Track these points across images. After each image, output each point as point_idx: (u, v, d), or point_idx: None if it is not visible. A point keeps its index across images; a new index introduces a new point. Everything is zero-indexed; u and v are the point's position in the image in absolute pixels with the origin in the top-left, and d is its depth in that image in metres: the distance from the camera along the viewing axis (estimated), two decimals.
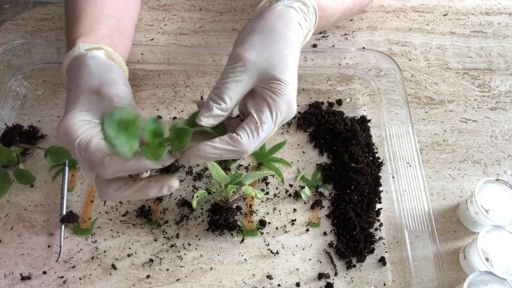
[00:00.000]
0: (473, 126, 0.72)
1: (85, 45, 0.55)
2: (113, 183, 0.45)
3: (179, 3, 0.85)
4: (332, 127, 0.67)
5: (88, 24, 0.60)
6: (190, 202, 0.62)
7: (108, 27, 0.61)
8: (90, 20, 0.60)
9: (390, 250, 0.60)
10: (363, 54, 0.73)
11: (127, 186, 0.45)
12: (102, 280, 0.57)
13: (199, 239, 0.60)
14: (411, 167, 0.64)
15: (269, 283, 0.57)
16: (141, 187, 0.45)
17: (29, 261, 0.58)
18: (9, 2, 0.88)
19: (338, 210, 0.62)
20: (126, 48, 0.65)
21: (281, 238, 0.61)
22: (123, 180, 0.46)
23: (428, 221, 0.60)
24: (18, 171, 0.60)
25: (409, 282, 0.57)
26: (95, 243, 0.59)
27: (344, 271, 0.58)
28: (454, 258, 0.60)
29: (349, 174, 0.63)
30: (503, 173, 0.68)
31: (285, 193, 0.64)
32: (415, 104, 0.74)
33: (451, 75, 0.78)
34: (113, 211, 0.62)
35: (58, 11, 0.83)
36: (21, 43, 0.71)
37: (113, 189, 0.45)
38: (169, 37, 0.80)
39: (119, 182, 0.45)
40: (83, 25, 0.59)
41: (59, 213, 0.61)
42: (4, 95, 0.70)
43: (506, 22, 0.86)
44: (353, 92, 0.74)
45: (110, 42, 0.59)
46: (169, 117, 0.70)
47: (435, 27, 0.84)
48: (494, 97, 0.76)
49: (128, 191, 0.45)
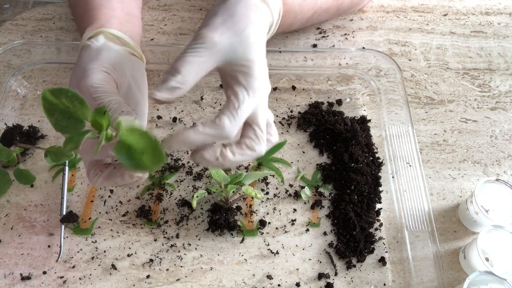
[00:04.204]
0: (473, 126, 0.72)
1: (87, 35, 0.57)
2: (92, 169, 0.47)
3: (179, 3, 0.85)
4: (332, 127, 0.67)
5: (93, 15, 0.61)
6: (190, 202, 0.62)
7: (112, 9, 0.62)
8: (93, 9, 0.62)
9: (390, 250, 0.60)
10: (363, 54, 0.73)
11: (100, 173, 0.47)
12: (102, 280, 0.57)
13: (199, 239, 0.60)
14: (411, 167, 0.64)
15: (269, 283, 0.57)
16: (107, 174, 0.47)
17: (29, 261, 0.58)
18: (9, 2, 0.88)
19: (338, 210, 0.62)
20: (135, 25, 0.66)
21: (281, 238, 0.61)
22: (99, 167, 0.47)
23: (428, 221, 0.60)
24: (18, 171, 0.60)
25: (409, 282, 0.57)
26: (95, 243, 0.59)
27: (344, 271, 0.58)
28: (454, 258, 0.60)
29: (349, 174, 0.63)
30: (503, 173, 0.68)
31: (285, 193, 0.64)
32: (415, 104, 0.74)
33: (451, 75, 0.78)
34: (113, 211, 0.62)
35: (58, 11, 0.83)
36: (21, 43, 0.71)
37: (92, 175, 0.47)
38: (169, 37, 0.80)
39: (96, 169, 0.47)
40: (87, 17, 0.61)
41: (59, 213, 0.61)
42: (4, 95, 0.70)
43: (506, 22, 0.86)
44: (353, 92, 0.74)
45: (118, 22, 0.60)
46: (169, 117, 0.70)
47: (435, 27, 0.84)
48: (494, 97, 0.76)
49: (101, 177, 0.47)
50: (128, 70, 0.55)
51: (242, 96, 0.45)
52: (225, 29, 0.47)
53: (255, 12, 0.50)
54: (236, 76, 0.46)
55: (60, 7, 0.83)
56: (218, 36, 0.46)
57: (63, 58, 0.72)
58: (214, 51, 0.45)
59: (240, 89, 0.46)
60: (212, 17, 0.49)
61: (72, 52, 0.72)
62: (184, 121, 0.69)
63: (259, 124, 0.47)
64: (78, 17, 0.68)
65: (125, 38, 0.58)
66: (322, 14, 0.73)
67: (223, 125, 0.44)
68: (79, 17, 0.67)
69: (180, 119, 0.70)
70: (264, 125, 0.48)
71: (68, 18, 0.81)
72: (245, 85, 0.46)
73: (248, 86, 0.46)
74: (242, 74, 0.46)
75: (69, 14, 0.82)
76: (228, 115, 0.44)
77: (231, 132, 0.45)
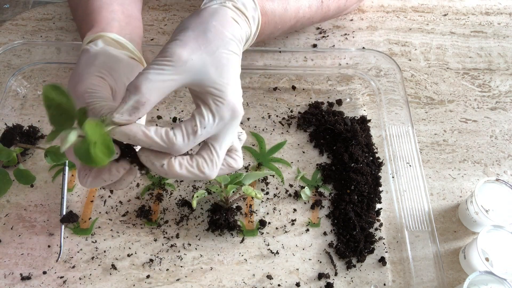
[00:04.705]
0: (473, 126, 0.72)
1: (87, 39, 0.57)
2: (82, 171, 0.45)
3: (179, 3, 0.85)
4: (332, 127, 0.67)
5: (93, 18, 0.61)
6: (190, 202, 0.62)
7: (112, 12, 0.62)
8: (93, 12, 0.62)
9: (390, 250, 0.60)
10: (363, 54, 0.73)
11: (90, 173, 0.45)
12: (102, 280, 0.57)
13: (199, 239, 0.60)
14: (411, 167, 0.64)
15: (269, 283, 0.57)
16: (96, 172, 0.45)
17: (29, 261, 0.58)
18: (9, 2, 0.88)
19: (338, 210, 0.62)
20: (136, 27, 0.66)
21: (281, 238, 0.61)
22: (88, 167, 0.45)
23: (428, 221, 0.60)
24: (18, 171, 0.60)
25: (409, 282, 0.57)
26: (95, 243, 0.59)
27: (344, 271, 0.58)
28: (454, 258, 0.60)
29: (349, 174, 0.63)
30: (503, 173, 0.68)
31: (285, 193, 0.64)
32: (415, 104, 0.74)
33: (451, 75, 0.78)
34: (113, 211, 0.62)
35: (58, 11, 0.83)
36: (21, 43, 0.71)
37: (82, 176, 0.45)
38: (169, 37, 0.79)
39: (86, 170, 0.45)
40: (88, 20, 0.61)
41: (59, 213, 0.61)
42: (4, 95, 0.70)
43: (506, 22, 0.86)
44: (353, 92, 0.74)
45: (118, 25, 0.60)
46: (169, 117, 0.70)
47: (435, 27, 0.84)
48: (494, 97, 0.76)
49: (90, 177, 0.45)
50: (125, 75, 0.54)
51: (206, 121, 0.42)
52: (196, 47, 0.43)
53: (231, 27, 0.47)
54: (206, 98, 0.43)
55: (60, 7, 0.83)
56: (187, 53, 0.42)
57: (63, 58, 0.72)
58: (181, 70, 0.42)
59: (207, 113, 0.43)
60: (183, 30, 0.45)
61: (72, 52, 0.72)
62: None
63: (216, 148, 0.44)
64: (78, 20, 0.68)
65: (124, 42, 0.58)
66: (305, 23, 0.71)
67: (175, 142, 0.41)
68: (79, 20, 0.67)
69: (180, 119, 0.70)
70: (223, 150, 0.45)
71: (68, 18, 0.82)
72: (213, 110, 0.43)
73: (217, 112, 0.43)
74: (212, 98, 0.43)
75: (69, 14, 0.82)
76: (184, 134, 0.42)
77: (180, 150, 0.42)
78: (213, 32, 0.45)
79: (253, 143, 0.68)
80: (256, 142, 0.68)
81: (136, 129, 0.41)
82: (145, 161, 0.43)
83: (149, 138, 0.41)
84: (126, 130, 0.41)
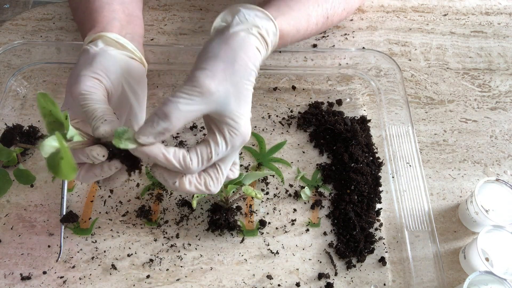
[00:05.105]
0: (473, 126, 0.72)
1: (88, 39, 0.57)
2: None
3: (179, 3, 0.85)
4: (332, 127, 0.67)
5: (94, 17, 0.61)
6: (190, 202, 0.62)
7: (113, 11, 0.62)
8: (94, 12, 0.62)
9: (390, 250, 0.60)
10: (363, 54, 0.73)
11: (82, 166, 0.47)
12: (102, 280, 0.57)
13: (199, 239, 0.60)
14: (411, 167, 0.64)
15: (269, 283, 0.57)
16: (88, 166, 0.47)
17: (29, 261, 0.58)
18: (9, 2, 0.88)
19: (338, 210, 0.62)
20: (137, 26, 0.66)
21: (281, 238, 0.61)
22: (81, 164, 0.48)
23: (428, 221, 0.60)
24: (18, 171, 0.60)
25: (409, 282, 0.57)
26: (95, 243, 0.59)
27: (344, 271, 0.58)
28: (454, 258, 0.60)
29: (349, 174, 0.63)
30: (503, 173, 0.68)
31: (285, 193, 0.64)
32: (415, 104, 0.74)
33: (451, 75, 0.78)
34: (113, 211, 0.62)
35: (58, 11, 0.83)
36: (21, 43, 0.71)
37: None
38: (169, 37, 0.80)
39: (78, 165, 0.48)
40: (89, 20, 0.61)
41: (59, 213, 0.61)
42: (4, 95, 0.70)
43: (506, 22, 0.86)
44: (353, 92, 0.74)
45: (119, 24, 0.61)
46: None
47: (435, 27, 0.84)
48: (494, 97, 0.76)
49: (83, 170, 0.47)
50: (123, 76, 0.54)
51: (220, 149, 0.45)
52: (223, 78, 0.45)
53: (254, 57, 0.49)
54: (222, 127, 0.46)
55: (60, 7, 0.83)
56: (215, 85, 0.44)
57: (63, 58, 0.72)
58: (208, 101, 0.44)
59: (221, 141, 0.46)
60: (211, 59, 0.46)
61: (72, 52, 0.72)
62: None
63: (222, 169, 0.48)
64: (79, 20, 0.68)
65: (125, 42, 0.58)
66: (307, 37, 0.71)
67: (190, 166, 0.44)
68: (80, 20, 0.67)
69: None
70: (228, 169, 0.49)
71: (68, 18, 0.82)
72: (227, 139, 0.46)
73: (230, 141, 0.46)
74: (228, 128, 0.46)
75: (69, 14, 0.82)
76: (199, 160, 0.45)
77: (194, 173, 0.46)
78: (240, 63, 0.47)
79: (253, 143, 0.68)
80: (256, 142, 0.68)
81: (157, 150, 0.43)
82: (158, 176, 0.47)
83: (168, 161, 0.44)
84: (147, 150, 0.43)
